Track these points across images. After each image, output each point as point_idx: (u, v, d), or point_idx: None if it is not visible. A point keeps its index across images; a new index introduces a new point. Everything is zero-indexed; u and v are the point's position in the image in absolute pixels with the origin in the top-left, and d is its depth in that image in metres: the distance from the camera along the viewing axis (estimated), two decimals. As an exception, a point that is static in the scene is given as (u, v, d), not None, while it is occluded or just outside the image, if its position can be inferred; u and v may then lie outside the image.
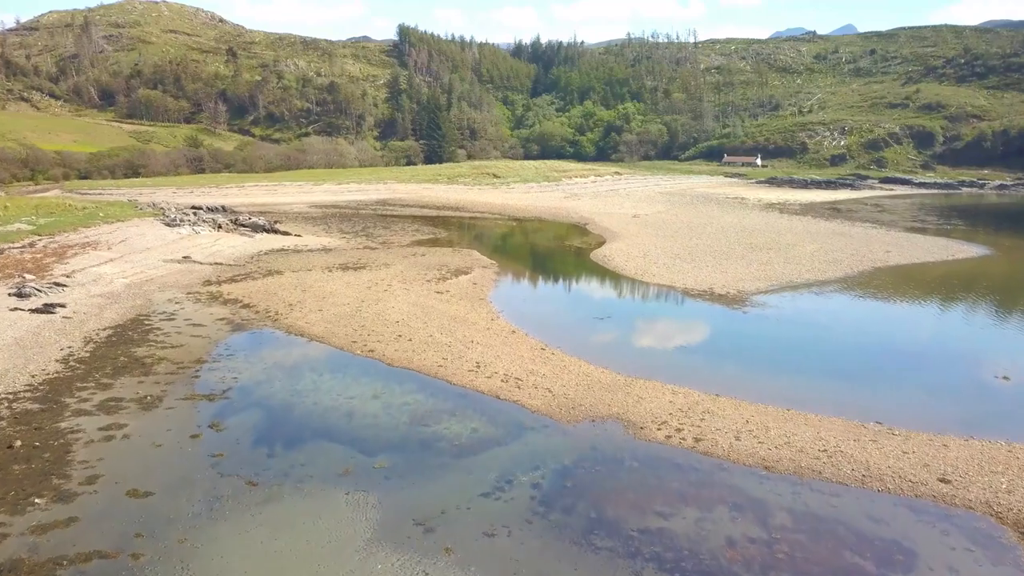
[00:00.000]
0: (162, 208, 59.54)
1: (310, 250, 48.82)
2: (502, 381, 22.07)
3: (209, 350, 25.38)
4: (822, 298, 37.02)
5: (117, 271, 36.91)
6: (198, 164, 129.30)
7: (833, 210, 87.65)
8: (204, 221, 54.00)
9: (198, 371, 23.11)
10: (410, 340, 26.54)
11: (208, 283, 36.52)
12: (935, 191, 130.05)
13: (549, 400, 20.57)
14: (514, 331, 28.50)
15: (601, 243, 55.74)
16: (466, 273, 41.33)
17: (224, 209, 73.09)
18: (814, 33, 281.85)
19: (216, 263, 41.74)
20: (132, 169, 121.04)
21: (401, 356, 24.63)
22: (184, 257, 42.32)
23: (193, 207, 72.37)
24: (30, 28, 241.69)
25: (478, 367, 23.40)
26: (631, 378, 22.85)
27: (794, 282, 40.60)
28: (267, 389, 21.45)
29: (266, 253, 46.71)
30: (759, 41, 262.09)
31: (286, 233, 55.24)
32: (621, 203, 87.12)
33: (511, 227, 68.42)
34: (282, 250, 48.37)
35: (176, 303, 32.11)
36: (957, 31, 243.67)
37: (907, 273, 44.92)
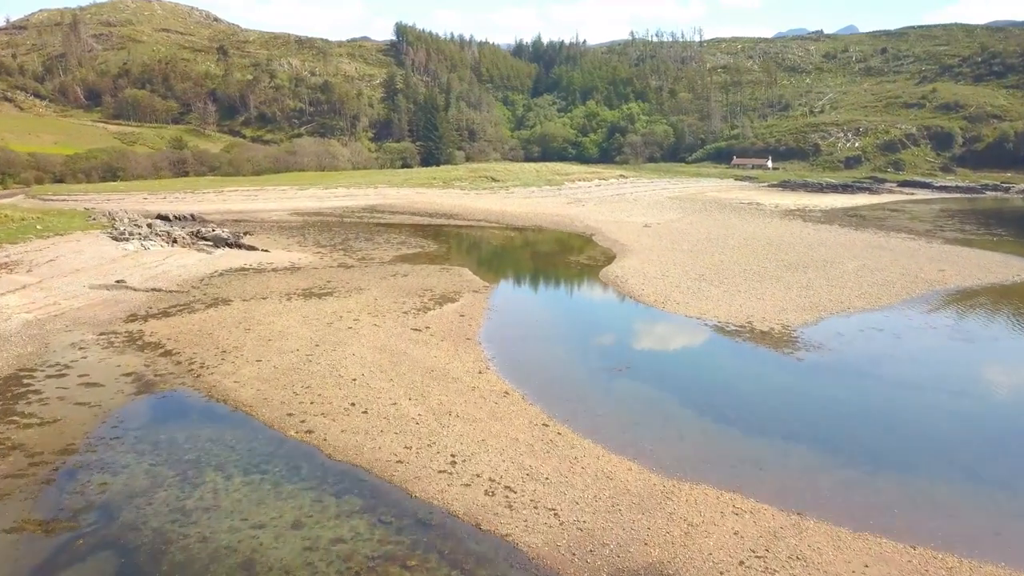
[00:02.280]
0: (114, 219, 52.70)
1: (274, 269, 42.01)
2: (486, 494, 15.21)
3: (90, 429, 18.58)
4: (887, 336, 30.12)
5: (23, 303, 30.13)
6: (181, 167, 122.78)
7: (858, 217, 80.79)
8: (157, 235, 47.22)
9: (57, 469, 16.30)
10: (365, 412, 19.70)
11: (133, 318, 29.70)
12: (957, 195, 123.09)
13: (555, 535, 13.71)
14: (507, 392, 21.67)
15: (611, 258, 48.94)
16: (453, 300, 34.53)
17: (193, 218, 66.56)
18: (821, 32, 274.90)
19: (154, 289, 34.92)
20: (111, 172, 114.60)
21: (349, 442, 17.80)
22: (118, 281, 35.53)
23: (159, 215, 65.82)
24: (19, 27, 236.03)
25: (453, 464, 16.54)
26: (671, 480, 16.02)
27: (846, 312, 33.74)
28: (142, 508, 14.63)
29: (221, 274, 39.88)
30: (766, 40, 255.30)
31: (252, 248, 48.46)
32: (629, 210, 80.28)
33: (509, 238, 61.61)
34: (241, 270, 41.56)
35: (80, 349, 25.29)
36: (968, 30, 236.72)
37: (975, 299, 37.98)
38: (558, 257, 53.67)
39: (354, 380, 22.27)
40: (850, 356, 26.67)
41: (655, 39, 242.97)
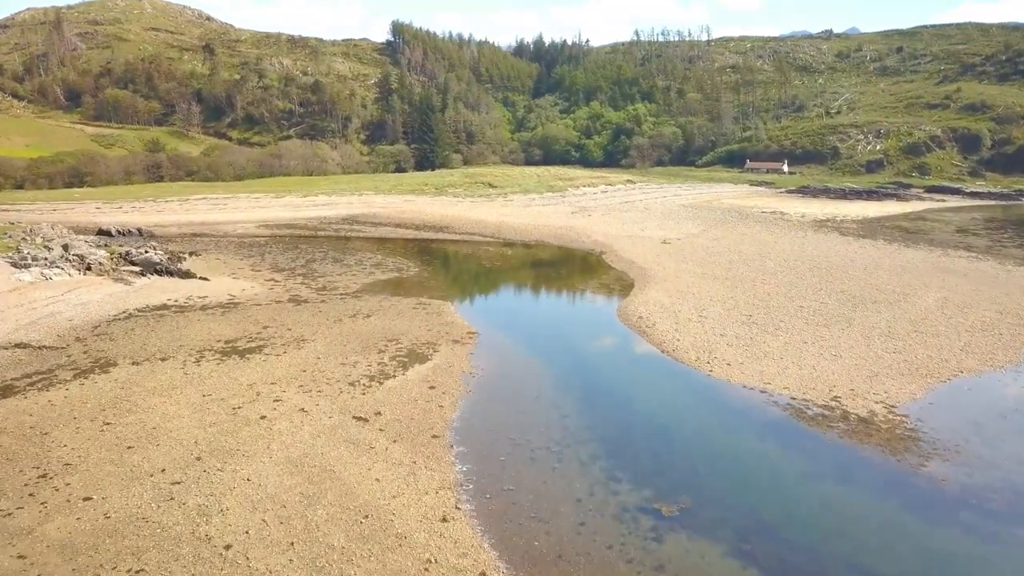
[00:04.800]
0: (26, 237, 43.61)
1: (203, 307, 32.97)
2: None
3: None
4: (1040, 423, 20.97)
5: None
6: (156, 171, 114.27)
7: (899, 229, 71.67)
8: (70, 259, 38.17)
9: None
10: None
11: (-46, 399, 20.63)
12: (991, 202, 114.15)
13: None
14: (485, 576, 12.61)
15: (628, 286, 39.91)
16: (423, 359, 25.48)
17: (140, 233, 57.80)
18: (830, 32, 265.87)
19: (19, 344, 25.82)
20: (78, 177, 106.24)
21: None
22: (-25, 332, 26.49)
23: (100, 231, 57.03)
24: (3, 26, 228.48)
25: None
26: None
27: (958, 376, 24.64)
28: None
29: (128, 316, 30.84)
30: (776, 39, 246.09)
31: (188, 275, 39.39)
32: (642, 221, 71.21)
33: (505, 258, 52.50)
34: (160, 308, 32.52)
35: None
36: (983, 29, 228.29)
37: (1115, 352, 28.80)
38: (563, 284, 44.56)
39: (227, 549, 13.17)
40: (1015, 472, 17.51)
41: (661, 38, 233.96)
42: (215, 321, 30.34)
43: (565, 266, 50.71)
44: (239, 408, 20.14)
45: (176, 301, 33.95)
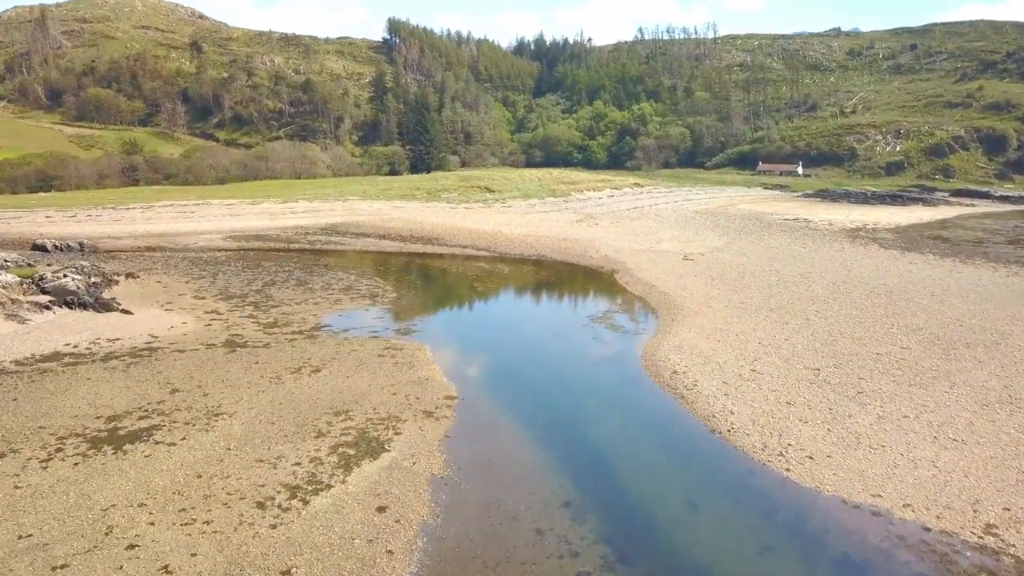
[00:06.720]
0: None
1: (108, 356, 25.41)
2: None
3: None
4: None
5: None
6: (132, 175, 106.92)
7: (940, 240, 64.01)
8: (-43, 288, 30.64)
9: None
10: None
11: None
12: (1023, 207, 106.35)
13: None
14: None
15: (651, 320, 32.38)
16: (378, 450, 17.92)
17: (81, 247, 50.47)
18: (839, 29, 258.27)
19: None
20: (45, 181, 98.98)
21: None
22: None
23: (34, 245, 49.65)
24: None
25: None
26: None
27: None
28: None
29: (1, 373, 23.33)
30: (785, 36, 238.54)
31: (108, 307, 31.78)
32: (656, 231, 63.65)
33: (501, 278, 44.87)
34: (51, 358, 24.97)
35: None
36: (996, 26, 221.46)
37: None
38: (570, 316, 36.93)
39: None
40: None
41: (666, 36, 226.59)
42: (111, 381, 22.77)
43: (571, 289, 43.14)
44: (61, 568, 12.56)
45: (76, 347, 26.40)
